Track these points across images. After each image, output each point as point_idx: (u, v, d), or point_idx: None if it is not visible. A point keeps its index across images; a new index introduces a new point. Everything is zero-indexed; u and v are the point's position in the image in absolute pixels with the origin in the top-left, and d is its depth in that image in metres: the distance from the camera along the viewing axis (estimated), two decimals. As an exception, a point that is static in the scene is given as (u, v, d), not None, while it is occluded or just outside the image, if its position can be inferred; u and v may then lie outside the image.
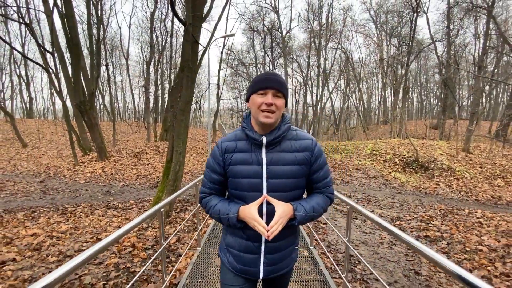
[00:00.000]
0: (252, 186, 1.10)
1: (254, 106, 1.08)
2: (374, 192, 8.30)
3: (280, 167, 1.10)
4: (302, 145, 1.13)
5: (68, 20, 11.43)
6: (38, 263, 2.70)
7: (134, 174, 11.15)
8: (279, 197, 1.10)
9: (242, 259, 1.17)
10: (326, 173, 1.19)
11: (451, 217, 6.06)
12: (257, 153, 1.11)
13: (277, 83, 1.06)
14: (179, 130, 4.42)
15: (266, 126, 1.08)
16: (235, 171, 1.12)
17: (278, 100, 1.06)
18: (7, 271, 2.41)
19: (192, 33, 4.16)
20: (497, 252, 4.23)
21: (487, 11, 12.70)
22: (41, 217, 6.49)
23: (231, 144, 1.15)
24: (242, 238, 1.16)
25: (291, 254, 1.23)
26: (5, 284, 2.16)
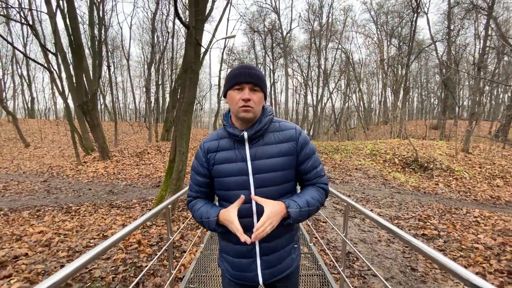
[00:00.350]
0: (238, 184, 1.06)
1: (232, 103, 1.04)
2: (373, 192, 8.41)
3: (265, 160, 1.05)
4: (286, 136, 1.09)
5: (71, 21, 11.55)
6: (49, 257, 2.83)
7: (136, 174, 11.27)
8: (269, 193, 1.05)
9: (237, 265, 1.12)
10: (315, 162, 1.12)
11: (448, 216, 6.16)
12: (240, 150, 1.07)
13: (253, 77, 1.01)
14: (182, 130, 4.54)
15: (246, 121, 1.05)
16: (219, 170, 1.08)
17: (255, 95, 1.02)
18: (21, 264, 2.53)
19: (195, 36, 4.28)
20: (493, 250, 4.33)
21: (487, 12, 12.79)
22: (46, 215, 6.61)
23: (213, 143, 1.12)
24: (232, 243, 1.10)
25: (290, 254, 1.15)
26: (20, 276, 2.29)
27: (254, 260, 1.09)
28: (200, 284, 2.46)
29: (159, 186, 9.51)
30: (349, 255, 3.82)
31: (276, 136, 1.08)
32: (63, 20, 12.06)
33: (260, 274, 1.09)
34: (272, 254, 1.10)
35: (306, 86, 33.81)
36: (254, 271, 1.09)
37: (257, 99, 1.03)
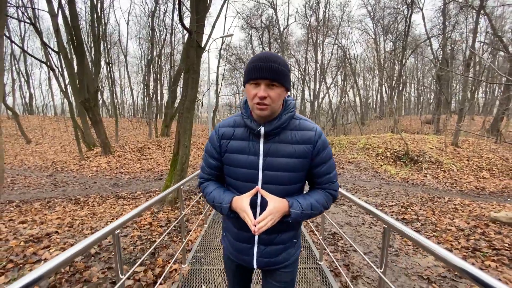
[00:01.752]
0: (247, 177, 1.06)
1: (248, 97, 1.01)
2: (363, 183, 8.93)
3: (277, 159, 1.04)
4: (304, 137, 1.05)
5: (73, 20, 11.87)
6: (77, 234, 3.29)
7: (139, 168, 11.72)
8: (275, 190, 1.04)
9: (236, 246, 1.17)
10: (329, 168, 1.10)
11: (430, 204, 6.70)
12: (254, 143, 1.05)
13: (271, 72, 0.93)
14: (186, 126, 4.99)
15: (262, 118, 1.03)
16: (231, 159, 1.09)
17: (272, 91, 0.96)
18: (55, 239, 3.00)
19: (196, 39, 4.70)
20: (464, 231, 4.86)
21: (476, 11, 13.23)
22: (56, 206, 7.06)
23: (229, 130, 1.10)
24: (235, 227, 1.15)
25: (287, 249, 1.16)
26: (57, 246, 2.76)
27: (252, 246, 1.13)
28: (205, 253, 2.96)
29: (161, 179, 9.99)
30: (335, 235, 4.33)
31: (294, 135, 1.05)
32: (64, 19, 12.35)
33: (256, 260, 1.14)
34: (270, 246, 1.12)
35: (303, 82, 34.17)
36: (251, 255, 1.14)
37: (275, 95, 0.97)
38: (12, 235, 3.07)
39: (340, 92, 34.48)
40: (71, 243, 2.92)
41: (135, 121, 27.92)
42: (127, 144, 15.60)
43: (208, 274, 2.55)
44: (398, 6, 26.41)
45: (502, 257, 3.81)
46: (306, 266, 2.80)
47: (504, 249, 4.08)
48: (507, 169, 12.51)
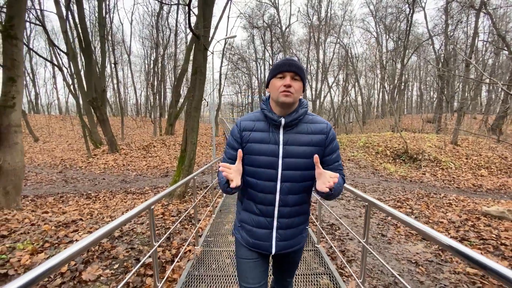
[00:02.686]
0: (268, 164, 1.16)
1: (274, 89, 1.14)
2: (362, 180, 9.24)
3: (296, 147, 1.16)
4: (318, 128, 1.20)
5: (81, 22, 12.24)
6: (99, 221, 3.65)
7: (145, 165, 12.09)
8: (293, 176, 1.17)
9: (255, 234, 1.24)
10: (338, 156, 1.25)
11: (425, 199, 7.00)
12: (274, 133, 1.17)
13: (295, 67, 1.12)
14: (193, 124, 5.33)
15: (285, 106, 1.15)
16: (252, 149, 1.19)
17: (296, 83, 1.13)
18: (81, 224, 3.35)
19: (203, 43, 5.03)
20: (455, 223, 5.16)
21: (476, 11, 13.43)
22: (69, 200, 7.44)
23: (250, 123, 1.22)
24: (255, 214, 1.23)
25: (301, 232, 1.29)
26: (84, 230, 3.11)
27: (271, 232, 1.22)
28: (214, 238, 3.30)
29: (167, 176, 10.35)
30: (333, 225, 4.66)
31: (309, 127, 1.20)
32: (73, 21, 12.72)
33: (274, 244, 1.22)
34: (288, 230, 1.23)
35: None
36: (270, 241, 1.22)
37: (298, 87, 1.13)
38: (42, 222, 3.42)
39: (342, 91, 34.68)
40: (96, 228, 3.28)
41: (139, 120, 28.34)
42: (133, 142, 15.99)
43: (218, 254, 2.90)
44: (400, 5, 26.57)
45: (487, 246, 4.12)
46: (305, 248, 3.13)
47: (491, 239, 4.39)
48: (506, 167, 12.75)
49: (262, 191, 1.19)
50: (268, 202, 1.19)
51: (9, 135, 5.18)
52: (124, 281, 1.46)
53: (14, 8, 5.29)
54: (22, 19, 5.52)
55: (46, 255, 2.52)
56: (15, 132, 5.27)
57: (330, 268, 2.73)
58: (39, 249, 2.63)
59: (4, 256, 2.49)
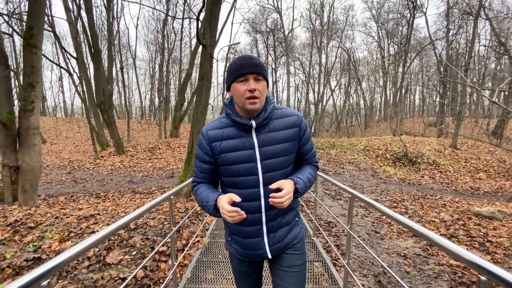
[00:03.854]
0: (247, 171, 1.11)
1: (238, 95, 1.07)
2: (361, 182, 9.52)
3: (272, 147, 1.12)
4: (290, 122, 1.16)
5: (90, 28, 12.72)
6: (115, 215, 3.99)
7: (151, 167, 12.47)
8: (275, 177, 1.12)
9: (246, 245, 1.20)
10: (311, 144, 1.24)
11: (421, 201, 7.27)
12: (247, 138, 1.11)
13: (256, 66, 1.04)
14: (200, 127, 5.67)
15: (253, 112, 1.09)
16: (227, 158, 1.12)
17: (260, 84, 1.06)
18: (100, 218, 3.70)
19: (210, 52, 5.40)
20: (446, 222, 5.44)
21: (473, 17, 13.74)
22: (80, 199, 7.81)
23: (218, 132, 1.14)
24: (242, 225, 1.17)
25: (293, 228, 1.24)
26: (103, 223, 3.46)
27: (262, 239, 1.17)
28: (220, 231, 3.64)
29: (173, 177, 10.70)
30: (330, 223, 4.96)
31: (281, 122, 1.15)
32: (82, 27, 13.21)
33: (268, 250, 1.18)
34: (278, 231, 1.19)
35: (307, 84, 34.70)
36: (263, 248, 1.18)
37: (262, 88, 1.07)
38: (64, 216, 3.77)
39: (344, 94, 34.99)
40: (113, 221, 3.62)
41: (144, 123, 28.83)
42: (139, 145, 16.40)
43: (223, 245, 3.23)
44: (401, 10, 26.89)
45: (474, 242, 4.41)
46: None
47: (479, 237, 4.67)
48: (504, 170, 12.95)
49: (246, 200, 1.11)
50: (254, 209, 1.14)
51: (28, 137, 5.56)
52: (142, 264, 1.76)
53: (34, 19, 5.70)
54: (41, 29, 5.93)
55: (72, 242, 2.87)
56: (33, 134, 5.65)
57: (325, 258, 3.04)
58: (65, 237, 2.98)
59: (36, 243, 2.84)
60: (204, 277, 2.53)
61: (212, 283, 2.42)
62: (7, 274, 2.37)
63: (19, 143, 5.55)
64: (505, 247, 4.23)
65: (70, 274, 2.38)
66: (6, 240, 2.94)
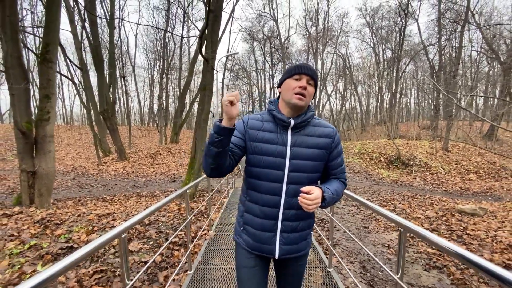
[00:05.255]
0: (275, 165, 1.15)
1: (288, 89, 1.14)
2: (355, 183, 10.00)
3: (304, 149, 1.16)
4: (325, 132, 1.21)
5: (94, 39, 13.27)
6: (129, 214, 4.43)
7: (153, 172, 12.90)
8: (299, 178, 1.16)
9: (258, 237, 1.22)
10: (342, 160, 1.27)
11: (410, 200, 7.75)
12: (282, 134, 1.17)
13: (311, 71, 1.13)
14: (203, 133, 6.17)
15: (296, 108, 1.15)
16: (260, 148, 1.17)
17: (310, 87, 1.14)
18: (117, 216, 4.14)
19: (211, 65, 5.91)
20: (431, 218, 5.91)
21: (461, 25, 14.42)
22: (87, 203, 8.21)
23: (257, 123, 1.21)
24: (258, 217, 1.21)
25: (306, 237, 1.27)
26: (121, 220, 3.91)
27: (274, 235, 1.20)
28: (224, 226, 4.10)
29: (175, 181, 11.14)
30: (323, 220, 5.43)
31: (316, 130, 1.20)
32: (87, 39, 13.76)
33: (278, 248, 1.20)
34: (292, 233, 1.21)
35: (304, 90, 35.26)
36: (273, 244, 1.20)
37: (311, 91, 1.14)
38: (84, 214, 4.21)
39: (341, 99, 35.69)
40: (129, 218, 4.06)
41: (144, 129, 29.28)
42: (140, 151, 16.84)
43: (227, 237, 3.68)
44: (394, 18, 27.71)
45: (453, 235, 4.88)
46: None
47: (458, 231, 5.14)
48: (494, 172, 13.49)
49: (267, 193, 1.18)
50: (273, 204, 1.18)
51: (44, 144, 6.01)
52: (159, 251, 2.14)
53: (50, 36, 6.20)
54: (56, 44, 6.42)
55: (97, 235, 3.32)
56: (49, 142, 6.10)
57: (316, 246, 3.50)
58: (90, 231, 3.43)
59: (66, 236, 3.29)
60: (212, 261, 2.99)
61: (219, 266, 2.87)
62: (47, 259, 2.82)
63: (36, 149, 6.00)
64: (481, 239, 4.71)
65: (100, 258, 2.83)
66: (39, 234, 3.39)
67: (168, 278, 2.68)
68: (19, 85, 5.76)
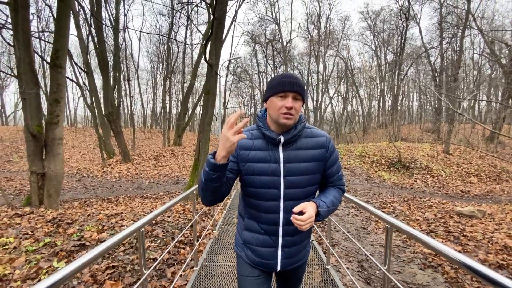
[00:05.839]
0: (270, 183, 1.13)
1: (274, 109, 1.10)
2: (356, 186, 10.13)
3: (297, 164, 1.14)
4: (318, 142, 1.18)
5: (100, 44, 13.55)
6: (136, 214, 4.61)
7: (156, 174, 13.10)
8: (295, 194, 1.14)
9: (260, 253, 1.21)
10: (338, 167, 1.25)
11: (410, 202, 7.87)
12: (274, 152, 1.14)
13: (297, 86, 1.07)
14: (206, 137, 6.35)
15: (285, 127, 1.12)
16: (252, 168, 1.14)
17: (297, 103, 1.09)
18: (125, 216, 4.32)
19: (215, 70, 6.10)
20: (429, 220, 6.03)
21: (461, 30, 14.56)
22: (93, 204, 8.40)
23: (248, 141, 1.17)
24: (259, 233, 1.21)
25: (305, 247, 1.29)
26: (129, 220, 4.09)
27: (276, 250, 1.20)
28: (227, 226, 4.27)
29: (178, 183, 11.33)
30: (324, 221, 5.57)
31: (309, 142, 1.17)
32: (93, 43, 14.05)
33: (280, 262, 1.21)
34: (293, 247, 1.22)
35: (306, 92, 35.45)
36: (275, 259, 1.21)
37: (298, 107, 1.10)
38: (93, 214, 4.39)
39: (343, 101, 35.84)
40: (137, 218, 4.24)
41: (147, 131, 29.58)
42: (144, 153, 17.07)
43: (230, 236, 3.85)
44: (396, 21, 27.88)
45: (450, 236, 5.01)
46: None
47: (455, 232, 5.26)
48: (494, 174, 13.55)
49: (265, 211, 1.17)
50: (272, 221, 1.17)
51: (53, 147, 6.22)
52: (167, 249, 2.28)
53: (60, 43, 6.42)
54: (65, 50, 6.65)
55: (107, 234, 3.50)
56: (58, 144, 6.30)
57: (316, 246, 3.65)
58: (101, 230, 3.61)
59: (78, 234, 3.47)
60: (216, 259, 3.15)
61: (223, 263, 3.04)
62: (61, 255, 3.00)
63: (45, 152, 6.20)
64: (478, 240, 4.83)
65: (111, 255, 3.01)
66: (52, 233, 3.57)
67: (176, 274, 2.85)
68: (30, 89, 5.98)
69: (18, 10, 6.03)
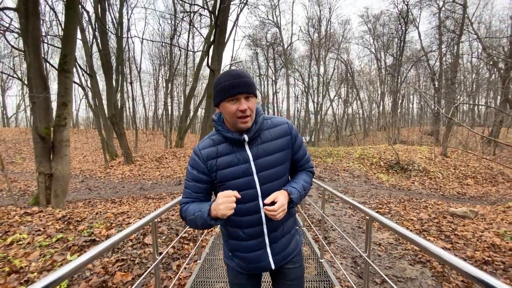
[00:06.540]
0: (245, 185, 1.12)
1: (228, 114, 1.07)
2: (354, 187, 10.34)
3: (267, 158, 1.13)
4: (281, 131, 1.17)
5: (104, 47, 13.85)
6: (142, 213, 4.84)
7: (159, 175, 13.33)
8: (273, 187, 1.13)
9: (249, 259, 1.20)
10: (304, 150, 1.25)
11: (406, 203, 8.08)
12: (241, 152, 1.12)
13: (246, 86, 1.03)
14: (208, 139, 6.60)
15: (245, 129, 1.09)
16: (224, 175, 1.12)
17: (250, 102, 1.06)
18: (131, 214, 4.55)
19: (217, 75, 6.35)
20: (423, 220, 6.24)
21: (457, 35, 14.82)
22: (97, 205, 8.63)
23: (212, 150, 1.14)
24: (243, 240, 1.19)
25: (294, 236, 1.27)
26: (135, 218, 4.32)
27: (264, 250, 1.19)
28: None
29: (180, 184, 11.55)
30: (320, 221, 5.79)
31: (272, 132, 1.16)
32: (96, 46, 14.35)
33: (272, 260, 1.20)
34: (280, 241, 1.21)
35: (307, 94, 35.79)
36: (267, 259, 1.19)
37: (252, 105, 1.08)
38: (100, 212, 4.62)
39: (343, 104, 36.09)
40: (142, 216, 4.46)
41: (149, 133, 29.86)
42: (146, 155, 17.31)
43: (231, 234, 4.08)
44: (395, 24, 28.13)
45: (441, 235, 5.22)
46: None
47: (447, 231, 5.47)
48: (491, 177, 13.74)
49: (246, 214, 1.15)
50: (255, 223, 1.16)
51: (61, 148, 6.46)
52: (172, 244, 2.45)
53: (68, 48, 6.69)
54: (73, 55, 6.92)
55: (116, 230, 3.73)
56: (65, 146, 6.55)
57: (311, 243, 3.87)
58: (109, 227, 3.84)
59: (88, 231, 3.70)
60: (217, 253, 3.38)
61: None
62: (74, 250, 3.23)
63: (53, 153, 6.44)
64: (467, 239, 5.04)
65: (120, 249, 3.24)
66: (63, 229, 3.80)
67: (180, 266, 3.07)
68: (39, 93, 6.24)
69: (29, 17, 6.30)
